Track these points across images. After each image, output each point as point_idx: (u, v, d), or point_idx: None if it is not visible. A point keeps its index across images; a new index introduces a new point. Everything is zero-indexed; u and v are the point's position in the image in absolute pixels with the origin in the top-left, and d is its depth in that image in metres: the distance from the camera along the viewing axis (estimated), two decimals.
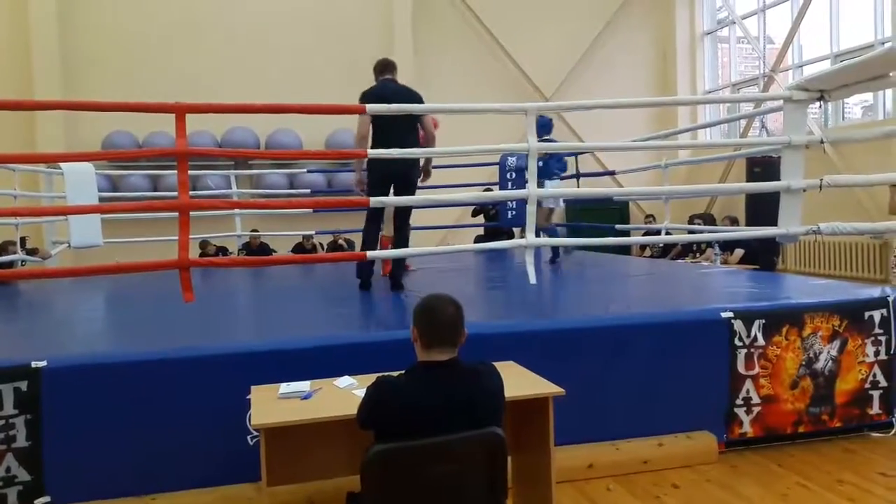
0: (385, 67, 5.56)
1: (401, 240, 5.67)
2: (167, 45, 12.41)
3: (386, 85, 5.45)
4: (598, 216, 12.19)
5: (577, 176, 9.54)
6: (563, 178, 7.68)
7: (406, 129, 5.25)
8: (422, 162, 5.74)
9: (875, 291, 4.47)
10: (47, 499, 3.20)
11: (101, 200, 8.34)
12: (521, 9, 14.17)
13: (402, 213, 5.75)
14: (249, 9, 12.88)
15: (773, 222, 5.22)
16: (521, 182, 8.46)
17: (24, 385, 3.17)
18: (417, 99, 5.35)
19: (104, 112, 9.78)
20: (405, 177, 5.36)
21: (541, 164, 7.05)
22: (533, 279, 5.02)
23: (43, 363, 3.22)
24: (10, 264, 7.56)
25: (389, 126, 5.15)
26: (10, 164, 7.51)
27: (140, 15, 12.44)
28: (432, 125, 5.56)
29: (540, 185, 6.91)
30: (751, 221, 9.64)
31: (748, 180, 9.86)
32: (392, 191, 5.36)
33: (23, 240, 8.14)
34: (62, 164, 7.57)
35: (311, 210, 8.70)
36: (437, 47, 13.48)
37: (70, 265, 8.72)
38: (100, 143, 11.74)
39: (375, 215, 5.59)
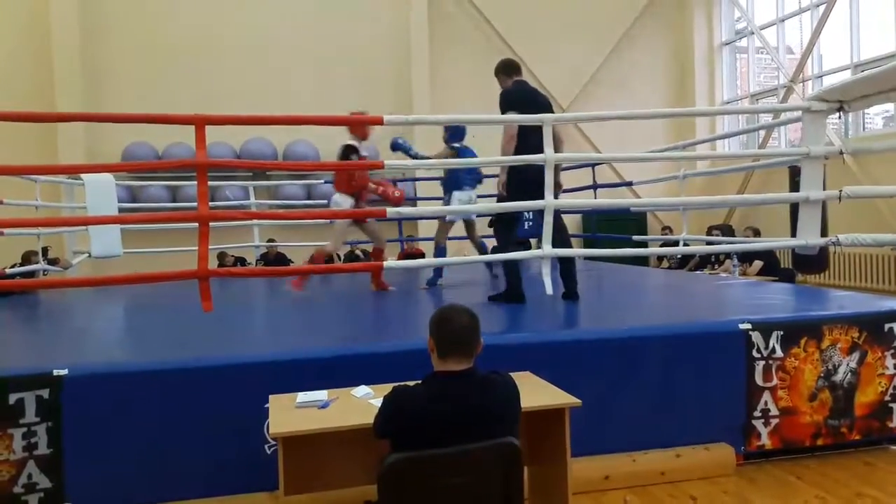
0: (517, 69, 5.47)
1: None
2: (187, 57, 12.57)
3: (528, 87, 5.40)
4: (616, 227, 12.16)
5: (595, 187, 9.54)
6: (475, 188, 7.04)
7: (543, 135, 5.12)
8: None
9: (895, 303, 4.42)
10: None
11: (121, 211, 8.45)
12: (538, 19, 14.21)
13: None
14: (268, 22, 13.02)
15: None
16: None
17: (45, 393, 3.21)
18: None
19: (124, 123, 9.95)
20: (541, 183, 5.12)
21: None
22: (550, 290, 5.02)
23: (64, 371, 3.26)
24: (33, 274, 7.66)
25: (534, 131, 5.04)
26: (31, 175, 7.63)
27: (160, 28, 12.62)
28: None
29: (449, 197, 6.75)
30: (795, 233, 9.52)
31: (791, 190, 9.75)
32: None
33: (44, 250, 8.25)
34: (83, 175, 7.67)
35: (328, 221, 8.74)
36: (454, 58, 13.55)
37: (90, 275, 8.83)
38: (120, 155, 11.90)
39: (514, 220, 5.47)
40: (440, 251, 6.85)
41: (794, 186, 9.65)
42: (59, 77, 11.97)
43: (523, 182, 5.15)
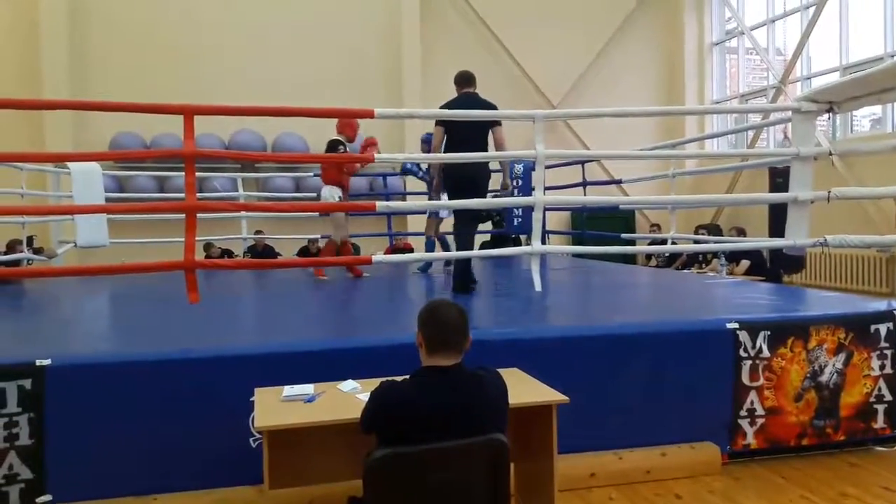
0: (468, 80, 5.62)
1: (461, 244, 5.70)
2: (176, 47, 12.45)
3: (470, 97, 5.53)
4: (604, 225, 12.18)
5: (584, 184, 9.54)
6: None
7: (478, 140, 5.33)
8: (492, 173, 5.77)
9: (881, 305, 4.44)
10: (49, 497, 3.20)
11: (108, 201, 8.38)
12: (530, 16, 14.18)
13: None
14: (258, 12, 12.91)
15: None
16: (526, 189, 8.48)
17: (27, 383, 3.17)
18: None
19: (112, 112, 9.86)
20: (472, 181, 5.39)
21: None
22: (538, 286, 5.02)
23: (47, 362, 3.22)
24: (17, 263, 7.58)
25: (463, 136, 5.28)
26: (17, 162, 7.54)
27: (149, 17, 12.49)
28: (503, 137, 5.47)
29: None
30: (773, 233, 9.59)
31: (771, 190, 9.80)
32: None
33: (29, 239, 8.17)
34: (69, 164, 7.60)
35: (317, 214, 8.73)
36: (445, 53, 13.49)
37: (76, 265, 8.75)
38: (107, 144, 11.79)
39: (475, 217, 5.72)
40: (430, 244, 7.50)
41: (775, 187, 9.75)
42: (46, 66, 11.81)
43: (457, 181, 5.45)
